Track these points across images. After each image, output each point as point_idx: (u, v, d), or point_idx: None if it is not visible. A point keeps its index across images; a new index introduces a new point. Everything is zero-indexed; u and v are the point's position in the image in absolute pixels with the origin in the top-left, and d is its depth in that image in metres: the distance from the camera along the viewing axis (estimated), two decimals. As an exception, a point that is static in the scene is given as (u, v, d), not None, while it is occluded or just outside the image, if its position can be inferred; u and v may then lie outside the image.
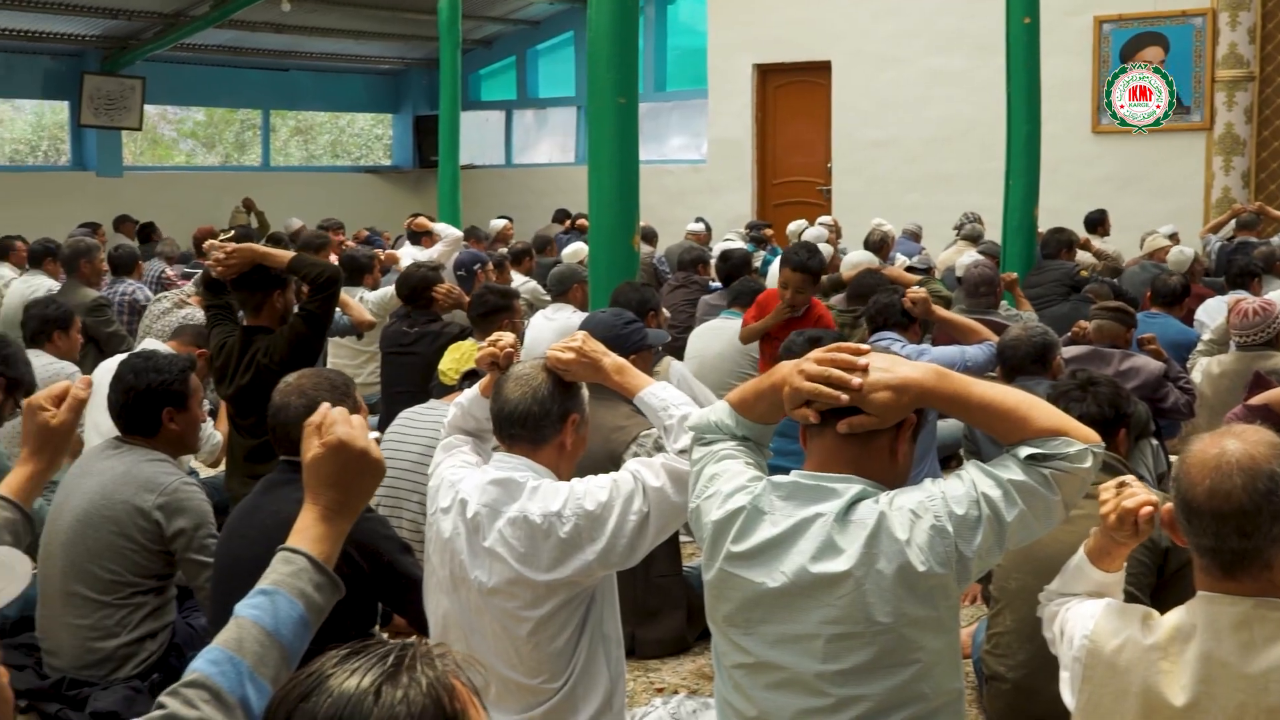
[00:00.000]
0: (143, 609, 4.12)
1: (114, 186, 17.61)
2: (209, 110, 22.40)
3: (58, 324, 6.70)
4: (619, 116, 6.43)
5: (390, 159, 22.76)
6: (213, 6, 16.60)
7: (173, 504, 4.10)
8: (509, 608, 3.24)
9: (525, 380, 3.31)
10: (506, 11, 19.78)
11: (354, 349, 8.57)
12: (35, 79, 17.67)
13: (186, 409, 4.32)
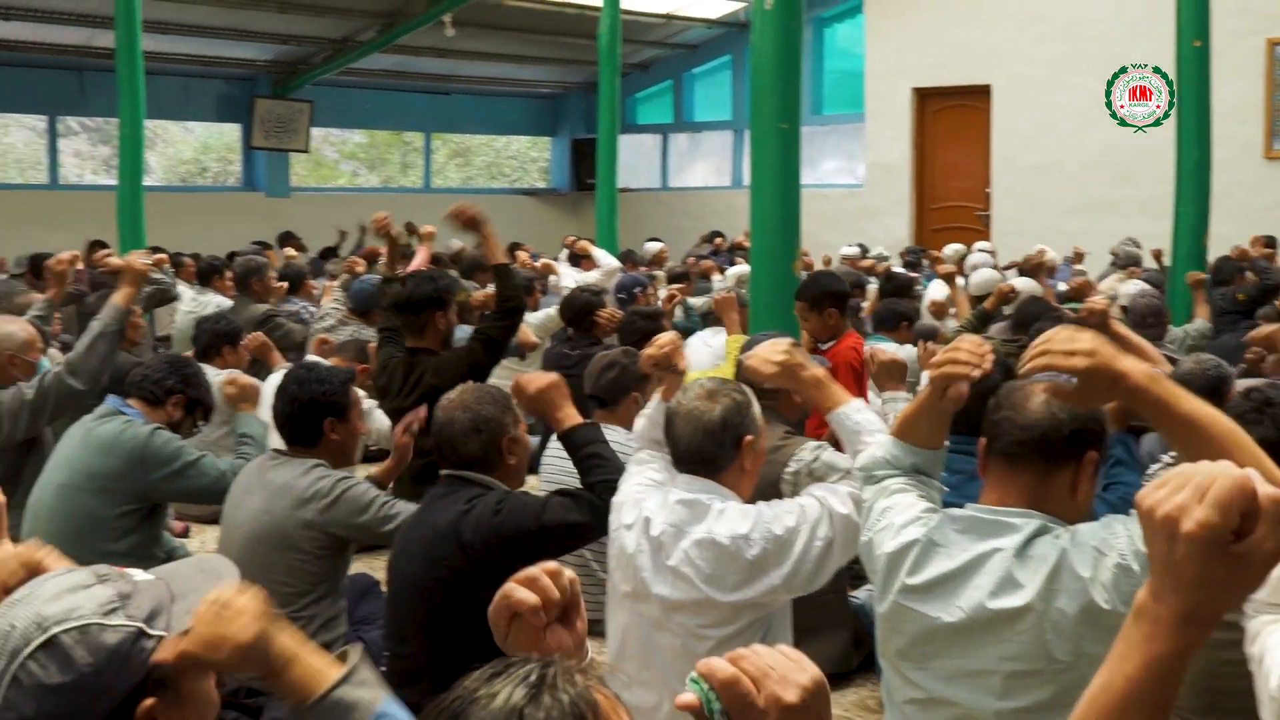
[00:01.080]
0: (316, 620, 4.20)
1: (281, 207, 18.13)
2: (371, 133, 22.88)
3: (226, 339, 6.90)
4: (781, 141, 6.41)
5: (547, 181, 23.04)
6: (379, 32, 17.01)
7: (337, 508, 4.17)
8: (691, 625, 3.26)
9: (693, 416, 3.32)
10: (665, 36, 19.91)
11: (515, 370, 8.67)
12: (209, 102, 18.28)
13: (347, 420, 4.41)
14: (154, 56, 15.10)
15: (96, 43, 15.49)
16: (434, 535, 3.59)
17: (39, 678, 1.67)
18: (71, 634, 1.69)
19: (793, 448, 4.42)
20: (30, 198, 17.10)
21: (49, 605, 1.72)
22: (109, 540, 4.55)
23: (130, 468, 4.61)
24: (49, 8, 14.55)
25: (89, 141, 28.89)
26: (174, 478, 4.67)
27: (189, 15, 15.51)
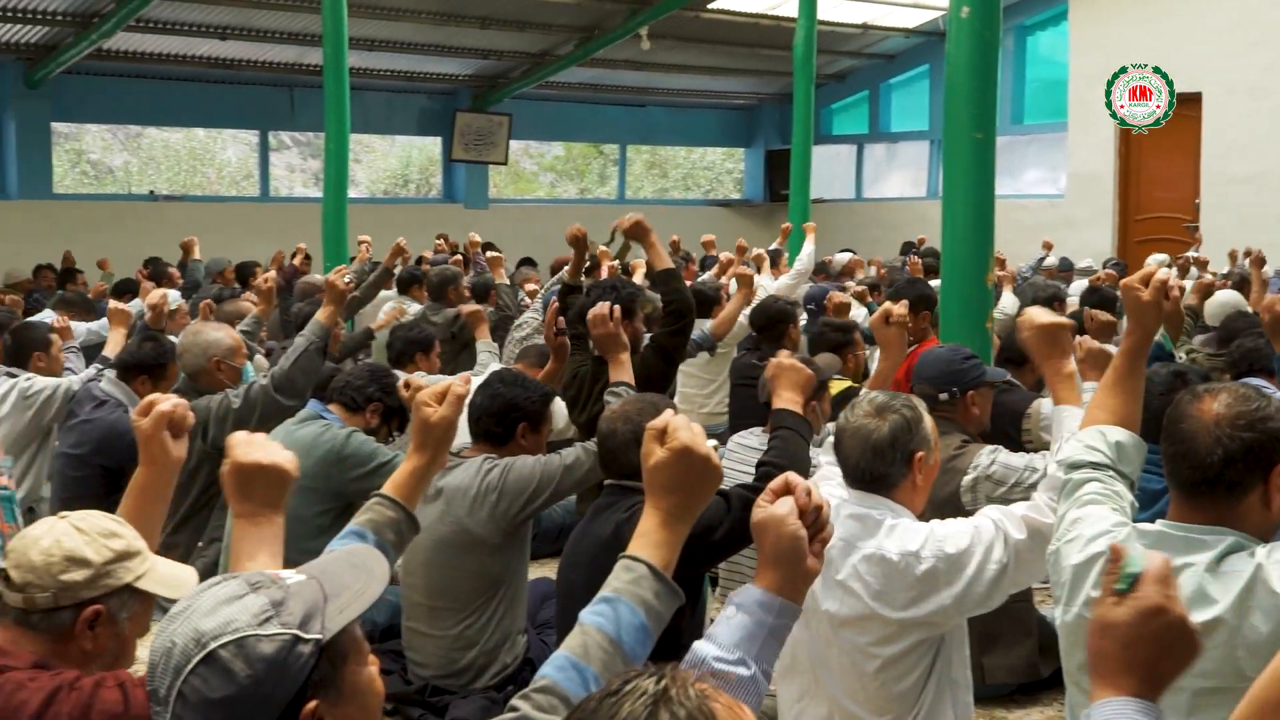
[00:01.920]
0: (497, 615, 4.30)
1: (480, 218, 18.50)
2: (568, 145, 23.20)
3: (420, 346, 7.07)
4: (975, 151, 6.29)
5: (741, 192, 23.05)
6: (576, 46, 17.25)
7: (505, 490, 4.25)
8: (859, 642, 3.21)
9: (861, 434, 3.26)
10: (861, 46, 19.76)
11: (702, 377, 8.68)
12: (411, 116, 18.76)
13: (538, 431, 4.51)
14: (360, 72, 15.61)
15: (306, 60, 16.05)
16: (598, 546, 3.61)
17: (203, 693, 1.70)
18: (229, 648, 1.71)
19: (970, 456, 4.33)
20: (242, 210, 17.80)
21: (205, 620, 1.75)
22: (307, 538, 4.69)
23: (328, 468, 4.77)
24: (262, 27, 15.12)
25: (299, 155, 29.92)
26: (369, 477, 4.81)
27: (394, 32, 15.96)
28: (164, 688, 1.73)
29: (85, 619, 2.35)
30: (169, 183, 24.20)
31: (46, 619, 2.35)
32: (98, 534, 2.39)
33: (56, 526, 2.39)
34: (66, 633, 2.36)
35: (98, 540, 2.38)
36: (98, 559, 2.36)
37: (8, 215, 15.02)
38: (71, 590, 2.35)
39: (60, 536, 2.37)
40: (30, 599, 2.34)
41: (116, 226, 15.56)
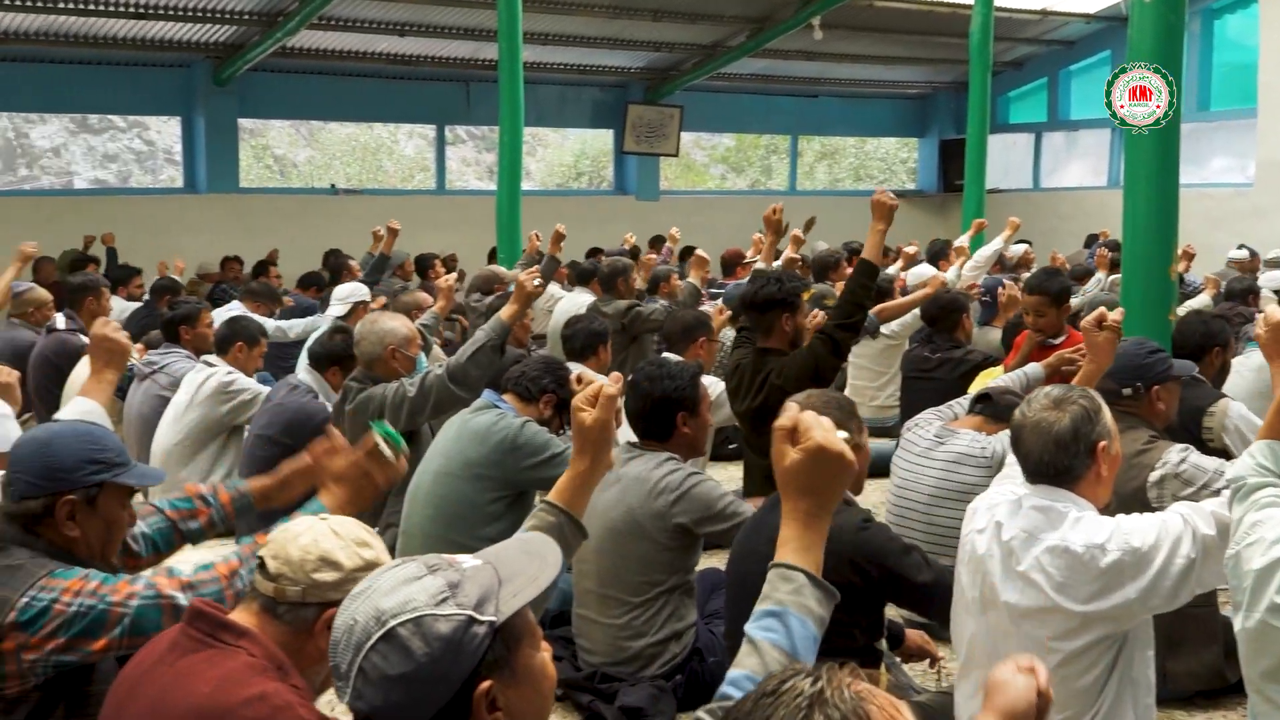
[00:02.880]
0: (666, 608, 4.32)
1: (651, 210, 18.59)
2: (739, 136, 23.15)
3: (602, 339, 7.14)
4: (1159, 139, 6.13)
5: (914, 183, 22.75)
6: (748, 36, 17.21)
7: (687, 500, 4.27)
8: (1039, 636, 3.15)
9: (1041, 428, 3.21)
10: (1040, 33, 19.33)
11: (873, 370, 8.61)
12: (584, 110, 18.92)
13: (697, 413, 4.51)
14: (533, 67, 15.79)
15: (482, 55, 16.31)
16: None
17: (382, 669, 1.77)
18: (407, 626, 1.78)
19: (1158, 452, 4.22)
20: (419, 202, 18.15)
21: (385, 599, 1.82)
22: (480, 525, 4.79)
23: (502, 456, 4.85)
24: (439, 23, 15.40)
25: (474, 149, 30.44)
26: (541, 466, 4.88)
27: (567, 26, 16.12)
28: (345, 663, 1.80)
29: (325, 619, 2.43)
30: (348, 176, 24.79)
31: (292, 611, 2.45)
32: (352, 540, 2.49)
33: (316, 527, 2.49)
34: (307, 629, 2.45)
35: (351, 546, 2.48)
36: (348, 564, 2.45)
37: (198, 209, 15.58)
38: (319, 589, 2.44)
39: (319, 537, 2.47)
40: (281, 590, 2.44)
41: (298, 219, 16.03)
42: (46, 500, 2.89)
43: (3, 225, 13.86)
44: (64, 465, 2.91)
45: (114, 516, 3.00)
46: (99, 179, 31.00)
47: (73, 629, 2.73)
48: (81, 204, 16.09)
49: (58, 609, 2.73)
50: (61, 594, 2.75)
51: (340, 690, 1.83)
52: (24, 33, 13.98)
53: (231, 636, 2.39)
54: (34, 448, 2.96)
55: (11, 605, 2.73)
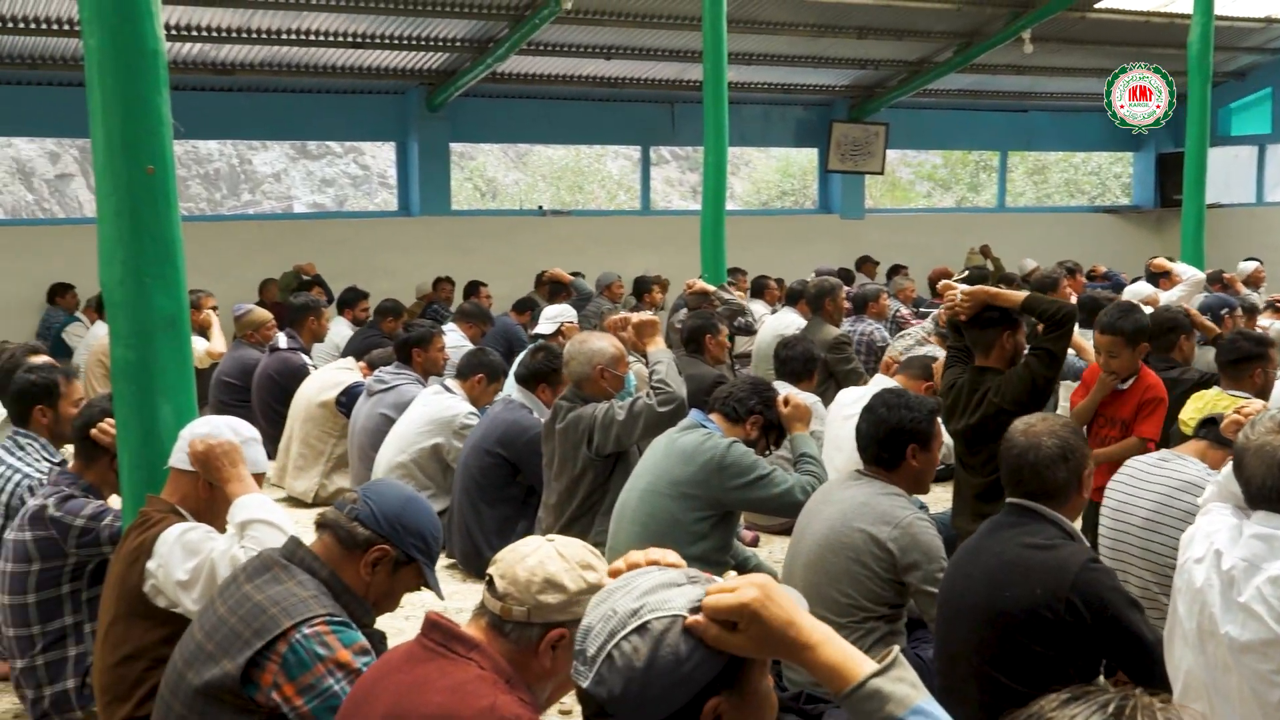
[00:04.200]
0: (874, 634, 4.27)
1: (856, 229, 18.45)
2: (946, 153, 22.82)
3: (813, 364, 7.14)
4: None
5: (1129, 198, 22.09)
6: (956, 52, 16.96)
7: (907, 537, 4.22)
8: (1262, 670, 3.02)
9: (1265, 452, 3.09)
10: (1264, 41, 18.60)
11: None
12: (788, 128, 18.88)
13: (928, 449, 4.45)
14: (738, 86, 15.84)
15: (687, 76, 16.42)
16: (998, 564, 3.53)
17: (630, 659, 1.83)
18: (662, 622, 1.84)
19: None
20: (624, 223, 18.37)
21: (647, 596, 1.88)
22: (685, 544, 4.81)
23: (708, 476, 4.87)
24: (646, 45, 15.57)
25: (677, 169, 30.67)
26: (747, 488, 4.88)
27: (772, 46, 16.12)
28: (594, 649, 1.86)
29: (550, 640, 2.51)
30: (554, 198, 25.19)
31: (517, 630, 2.52)
32: (577, 564, 2.54)
33: (543, 549, 2.56)
34: (531, 647, 2.52)
35: (575, 570, 2.53)
36: (572, 587, 2.51)
37: (411, 231, 16.02)
38: (544, 611, 2.50)
39: (545, 559, 2.53)
40: (507, 609, 2.51)
41: (507, 240, 16.35)
42: (372, 537, 3.07)
43: (227, 247, 14.49)
44: (408, 524, 3.13)
45: (398, 591, 3.19)
46: (317, 203, 32.17)
47: (317, 706, 2.88)
48: (301, 227, 16.69)
49: (319, 670, 2.88)
50: (329, 659, 2.90)
51: (580, 675, 1.89)
52: (249, 63, 14.60)
53: (464, 648, 2.49)
54: (397, 494, 3.19)
55: (284, 635, 2.87)
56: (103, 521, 4.39)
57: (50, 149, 31.62)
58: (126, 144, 3.91)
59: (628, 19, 14.53)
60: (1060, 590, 3.34)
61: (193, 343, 4.39)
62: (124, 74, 3.90)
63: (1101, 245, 18.89)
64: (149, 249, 3.96)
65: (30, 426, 5.25)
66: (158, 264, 3.97)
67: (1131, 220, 20.82)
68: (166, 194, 3.99)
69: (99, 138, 3.94)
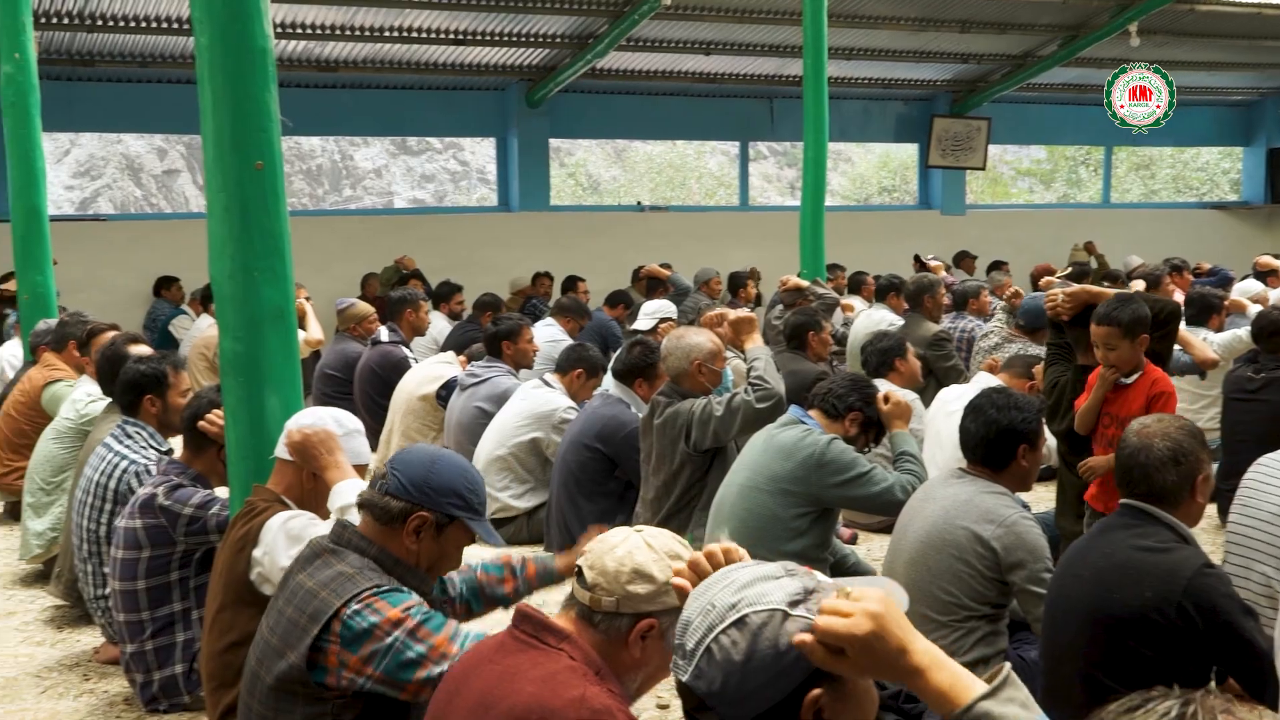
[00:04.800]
0: (975, 633, 4.22)
1: (956, 224, 18.27)
2: (1048, 147, 22.52)
3: (896, 353, 7.09)
4: None
5: (1238, 194, 21.64)
6: (1060, 46, 16.72)
7: (1012, 536, 4.16)
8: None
9: None
10: (1380, 32, 18.13)
11: (1194, 392, 8.23)
12: (888, 123, 18.75)
13: (1036, 449, 4.40)
14: (838, 81, 15.76)
15: (786, 71, 16.36)
16: (1108, 565, 3.48)
17: (729, 652, 1.83)
18: (760, 615, 1.84)
19: None
20: (722, 219, 18.36)
21: (745, 589, 1.89)
22: (783, 540, 4.80)
23: (808, 472, 4.85)
24: (745, 40, 15.53)
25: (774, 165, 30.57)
26: (846, 485, 4.86)
27: (873, 41, 16.01)
28: (693, 643, 1.88)
29: (639, 630, 2.51)
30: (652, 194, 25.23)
31: (606, 620, 2.52)
32: (665, 553, 2.54)
33: (631, 539, 2.56)
34: (620, 638, 2.52)
35: (664, 559, 2.53)
36: (661, 577, 2.50)
37: (510, 226, 16.14)
38: (633, 601, 2.50)
39: (633, 549, 2.53)
40: (596, 600, 2.52)
41: (604, 235, 16.42)
42: (407, 507, 3.08)
43: (329, 242, 14.70)
44: (438, 486, 3.11)
45: (450, 551, 3.18)
46: (416, 198, 32.52)
47: (387, 665, 2.90)
48: (401, 222, 16.89)
49: (377, 634, 2.90)
50: (383, 621, 2.92)
51: (679, 669, 1.90)
52: (352, 60, 14.79)
53: (554, 639, 2.50)
54: (421, 459, 3.16)
55: (338, 615, 2.90)
56: (210, 510, 4.48)
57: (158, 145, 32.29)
58: (236, 140, 3.97)
59: (727, 14, 14.51)
60: (1172, 594, 3.28)
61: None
62: (234, 71, 3.96)
63: (1209, 242, 18.52)
64: (257, 243, 4.02)
65: (139, 416, 5.38)
66: (266, 258, 4.04)
67: (1240, 217, 20.39)
68: (275, 189, 4.06)
69: (209, 134, 4.01)
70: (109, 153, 32.52)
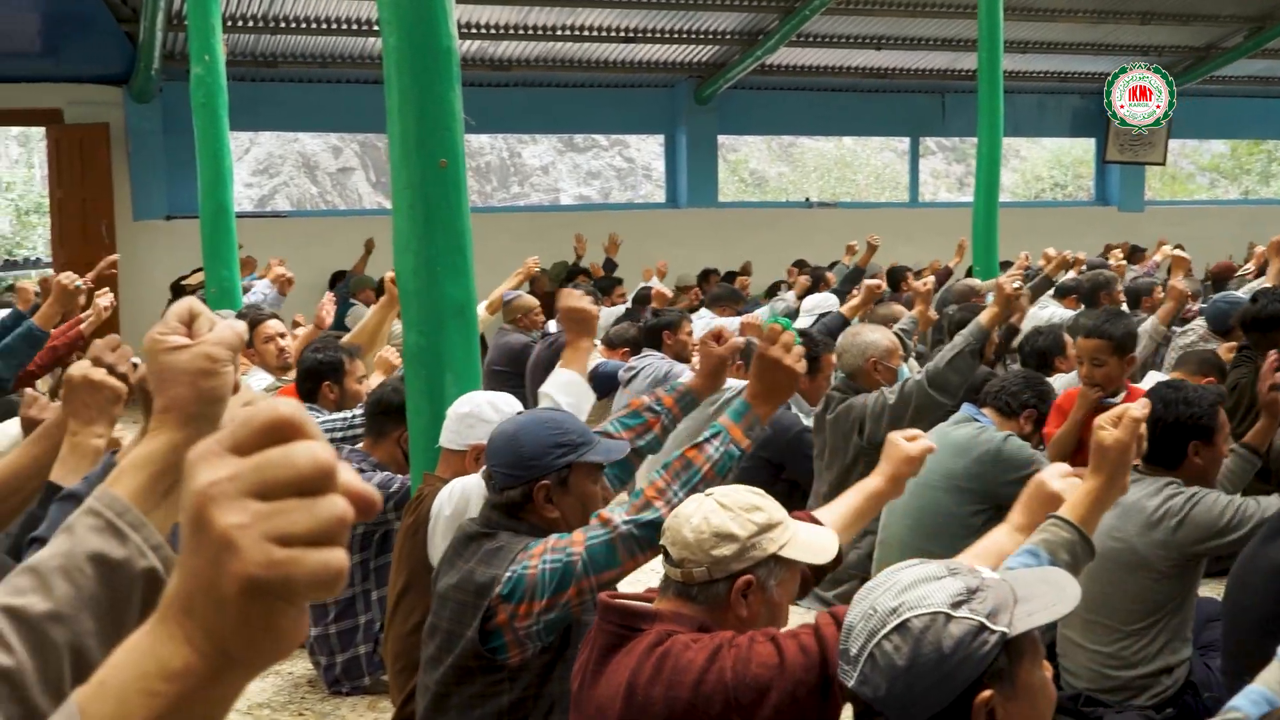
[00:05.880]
0: (1160, 639, 4.11)
1: (1134, 221, 17.80)
2: (1232, 142, 21.83)
3: (1055, 351, 6.91)
4: None
5: None
6: (1246, 37, 16.22)
7: (1183, 523, 4.02)
8: None
9: None
10: None
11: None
12: (1063, 118, 18.36)
13: (1213, 444, 4.25)
14: (1012, 75, 15.47)
15: (959, 65, 16.13)
16: (1274, 570, 3.39)
17: (892, 658, 1.83)
18: (922, 619, 1.83)
19: None
20: (891, 215, 18.18)
21: (905, 592, 1.88)
22: (959, 537, 4.72)
23: (984, 469, 4.79)
24: (917, 35, 15.37)
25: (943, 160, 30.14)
26: (1023, 482, 4.75)
27: (1049, 34, 15.71)
28: (856, 648, 1.87)
29: (738, 589, 2.51)
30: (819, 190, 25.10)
31: (704, 591, 2.52)
32: (740, 509, 2.54)
33: (704, 504, 2.56)
34: (723, 602, 2.52)
35: (741, 515, 2.53)
36: (743, 533, 2.51)
37: (677, 223, 16.20)
38: (722, 564, 2.50)
39: (708, 514, 2.53)
40: (688, 574, 2.52)
41: (770, 231, 16.36)
42: (524, 488, 3.11)
43: (497, 239, 14.90)
44: (533, 453, 3.11)
45: (586, 493, 3.18)
46: (582, 195, 32.83)
47: (548, 588, 2.92)
48: (568, 219, 17.06)
49: (530, 574, 2.93)
50: (531, 560, 2.95)
51: (845, 674, 1.90)
52: (525, 59, 15.00)
53: (645, 623, 2.51)
54: (504, 441, 3.17)
55: (498, 580, 2.95)
56: (390, 489, 4.58)
57: (333, 144, 33.13)
58: (421, 139, 4.07)
59: (899, 8, 14.38)
60: None
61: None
62: (420, 71, 4.06)
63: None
64: (440, 240, 4.12)
65: (318, 402, 5.54)
66: (449, 254, 4.13)
67: None
68: (458, 187, 4.15)
69: (395, 133, 4.12)
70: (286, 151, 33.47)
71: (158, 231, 13.80)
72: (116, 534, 1.31)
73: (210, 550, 0.83)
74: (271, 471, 0.83)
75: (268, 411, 0.85)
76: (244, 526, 0.82)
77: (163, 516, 1.36)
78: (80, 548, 1.30)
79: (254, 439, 0.84)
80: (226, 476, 0.83)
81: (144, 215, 13.87)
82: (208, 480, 0.83)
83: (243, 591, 0.82)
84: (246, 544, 0.82)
